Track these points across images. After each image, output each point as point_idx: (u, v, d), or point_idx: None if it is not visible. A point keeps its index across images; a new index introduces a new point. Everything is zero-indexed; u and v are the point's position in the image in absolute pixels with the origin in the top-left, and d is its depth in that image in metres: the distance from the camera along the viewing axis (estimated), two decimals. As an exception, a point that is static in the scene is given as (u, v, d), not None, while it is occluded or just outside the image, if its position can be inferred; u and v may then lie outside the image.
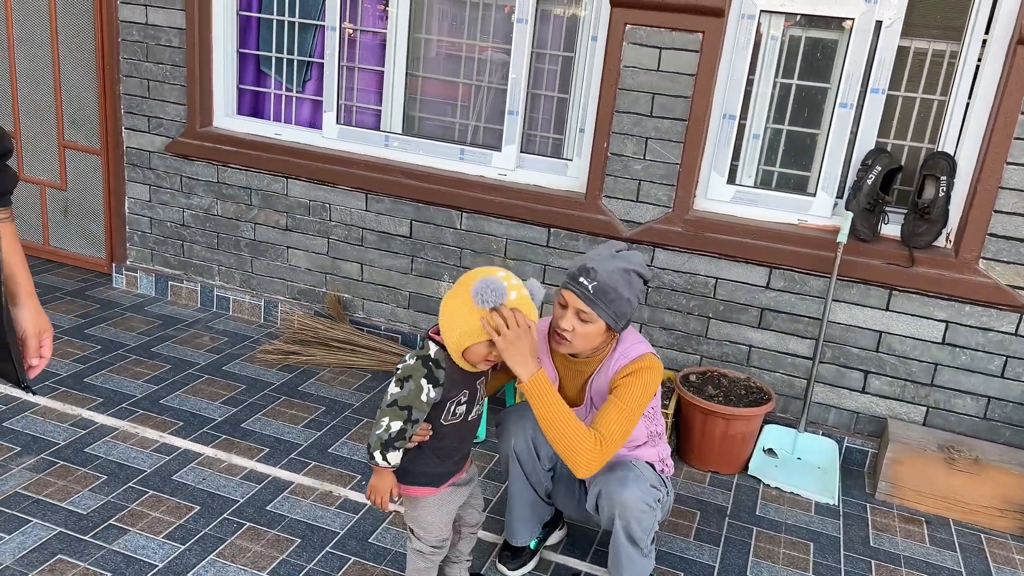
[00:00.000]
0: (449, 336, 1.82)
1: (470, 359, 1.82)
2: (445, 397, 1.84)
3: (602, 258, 1.97)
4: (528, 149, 3.45)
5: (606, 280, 1.92)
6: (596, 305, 1.92)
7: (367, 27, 3.57)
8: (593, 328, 1.95)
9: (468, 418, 1.92)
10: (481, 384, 1.94)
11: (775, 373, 3.18)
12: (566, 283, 1.96)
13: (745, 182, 3.18)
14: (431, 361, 1.83)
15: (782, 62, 3.05)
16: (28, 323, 1.46)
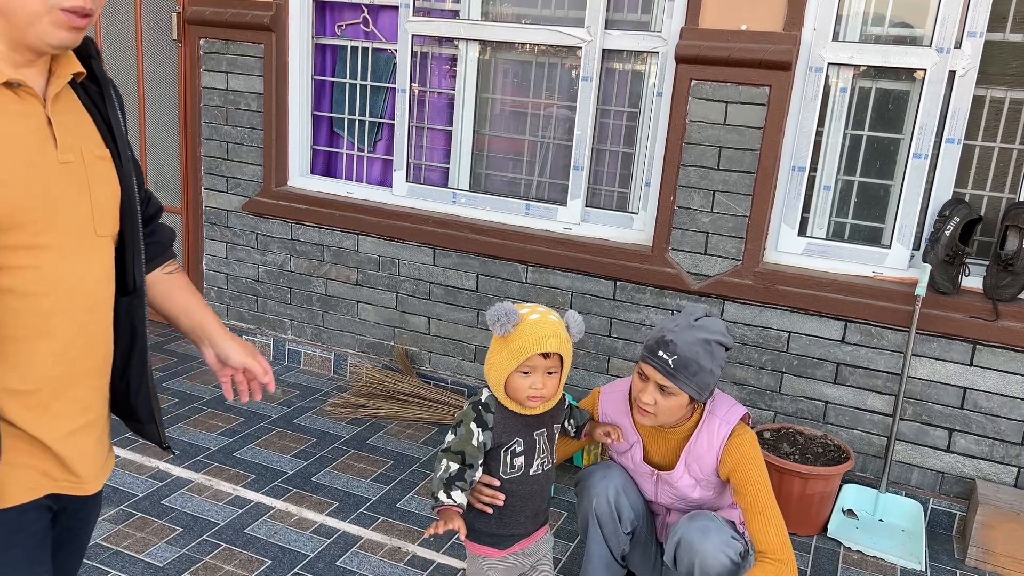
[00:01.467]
0: (489, 376, 1.85)
1: (514, 395, 1.83)
2: (497, 443, 1.84)
3: (680, 328, 1.93)
4: (593, 203, 3.48)
5: (686, 353, 1.89)
6: (677, 379, 1.90)
7: (436, 88, 3.68)
8: (676, 401, 1.93)
9: (530, 473, 1.90)
10: (541, 437, 1.91)
11: (853, 430, 3.07)
12: (645, 357, 1.94)
13: (817, 234, 3.13)
14: (481, 405, 1.86)
15: (852, 113, 3.02)
16: (242, 352, 1.54)
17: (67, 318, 1.23)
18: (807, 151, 3.02)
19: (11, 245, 1.14)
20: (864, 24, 2.94)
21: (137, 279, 1.37)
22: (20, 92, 1.18)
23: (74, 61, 1.27)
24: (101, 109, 1.32)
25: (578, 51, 3.32)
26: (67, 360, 1.25)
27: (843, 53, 2.91)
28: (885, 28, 2.93)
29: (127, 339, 1.39)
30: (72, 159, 1.23)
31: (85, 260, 1.25)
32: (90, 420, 1.32)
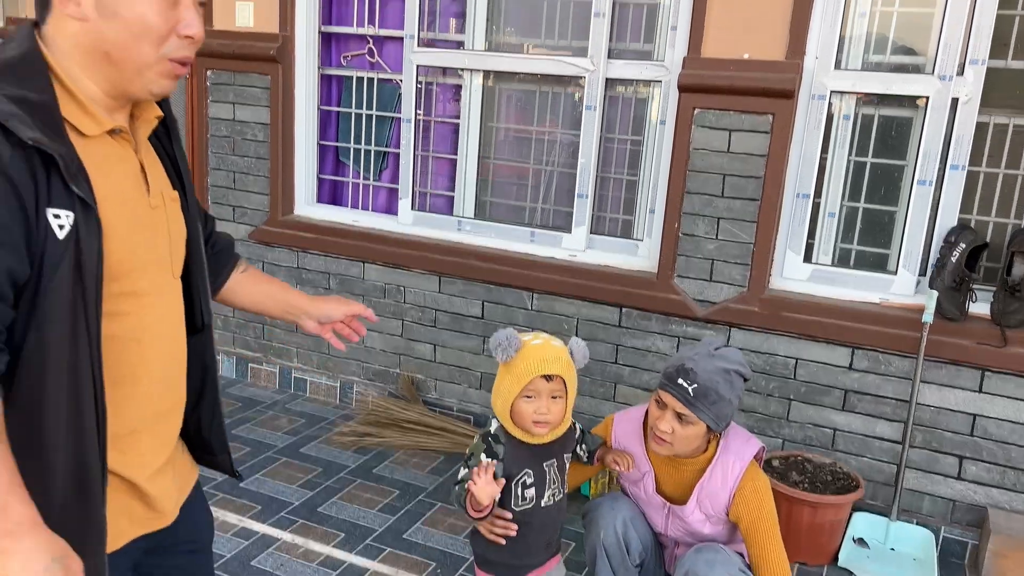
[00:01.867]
0: (496, 405, 1.87)
1: (520, 423, 1.83)
2: (507, 474, 1.84)
3: (701, 357, 1.94)
4: (598, 230, 3.48)
5: (706, 382, 1.90)
6: (697, 408, 1.90)
7: (440, 117, 3.71)
8: (694, 430, 1.93)
9: (541, 504, 1.90)
10: (551, 467, 1.91)
11: (862, 458, 3.05)
12: (664, 384, 1.94)
13: (822, 260, 3.13)
14: (490, 437, 1.88)
15: (855, 140, 3.03)
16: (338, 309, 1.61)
17: (155, 360, 1.25)
18: (811, 178, 3.02)
19: (117, 292, 1.16)
20: (866, 52, 2.96)
21: (205, 316, 1.39)
22: (119, 139, 1.19)
23: (153, 104, 1.27)
24: (168, 148, 1.34)
25: (581, 80, 3.34)
26: (154, 401, 1.28)
27: (845, 81, 2.93)
28: (887, 56, 2.95)
29: (199, 375, 1.42)
30: (158, 204, 1.25)
31: (168, 302, 1.28)
32: (168, 457, 1.35)
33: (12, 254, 1.02)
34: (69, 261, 1.06)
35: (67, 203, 1.05)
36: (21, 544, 1.01)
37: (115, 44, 1.12)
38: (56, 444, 1.10)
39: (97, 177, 1.11)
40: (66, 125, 1.09)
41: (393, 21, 3.69)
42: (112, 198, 1.14)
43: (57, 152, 1.04)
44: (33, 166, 1.03)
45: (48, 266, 1.05)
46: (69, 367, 1.08)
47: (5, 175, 1.01)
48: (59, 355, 1.07)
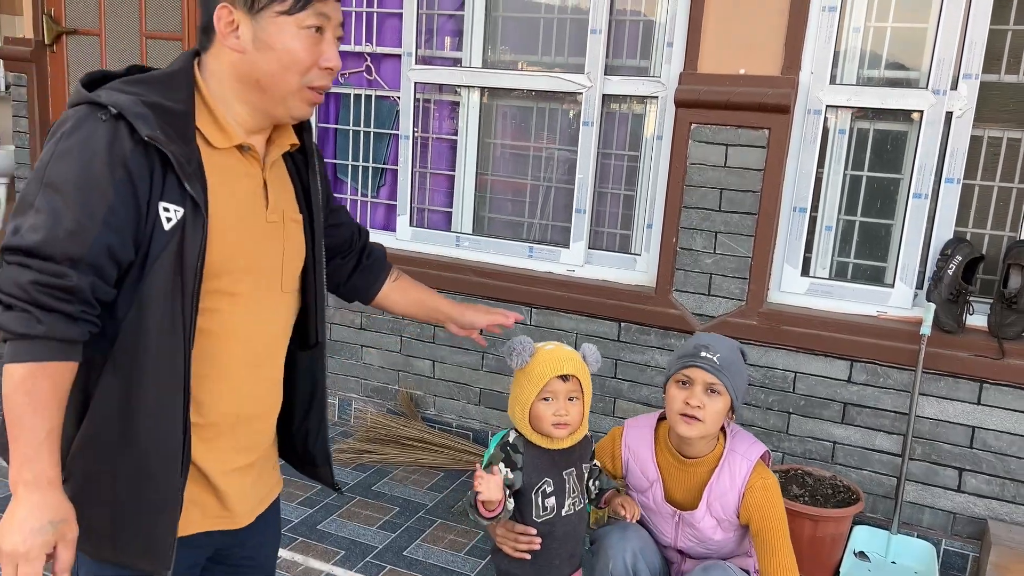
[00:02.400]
0: (514, 413, 1.88)
1: (539, 426, 1.85)
2: (527, 483, 1.85)
3: (711, 337, 2.03)
4: (596, 245, 3.50)
5: (727, 353, 1.97)
6: (724, 376, 1.93)
7: (438, 133, 3.73)
8: (721, 403, 1.97)
9: (562, 513, 1.90)
10: (570, 476, 1.92)
11: (862, 471, 3.05)
12: (687, 362, 1.97)
13: (820, 274, 3.14)
14: (509, 446, 1.90)
15: (851, 154, 3.05)
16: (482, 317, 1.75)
17: (244, 362, 1.34)
18: (808, 192, 3.04)
19: (215, 289, 1.27)
20: (861, 67, 2.99)
21: (320, 334, 1.49)
22: (247, 155, 1.32)
23: (291, 133, 1.41)
24: (303, 177, 1.46)
25: (579, 96, 3.37)
26: (237, 401, 1.35)
27: (841, 96, 2.95)
28: (881, 71, 2.98)
29: (308, 389, 1.50)
30: (276, 220, 1.36)
31: (269, 312, 1.37)
32: (251, 462, 1.42)
33: (116, 235, 1.16)
34: (172, 251, 1.19)
35: (179, 199, 1.19)
36: (31, 497, 1.11)
37: (266, 73, 1.26)
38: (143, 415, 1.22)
39: (217, 183, 1.25)
40: (198, 134, 1.25)
41: (391, 39, 3.71)
42: (227, 204, 1.26)
43: (172, 152, 1.17)
44: (152, 161, 1.18)
45: (153, 252, 1.19)
46: (162, 348, 1.21)
47: (125, 166, 1.15)
48: (155, 335, 1.20)
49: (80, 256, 1.13)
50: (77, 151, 1.15)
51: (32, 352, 1.11)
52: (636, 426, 2.20)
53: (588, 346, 1.90)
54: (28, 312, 1.11)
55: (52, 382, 1.13)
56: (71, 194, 1.13)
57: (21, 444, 1.12)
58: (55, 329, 1.12)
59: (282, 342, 1.44)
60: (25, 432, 1.11)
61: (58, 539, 1.13)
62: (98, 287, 1.16)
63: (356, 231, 1.68)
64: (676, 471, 2.11)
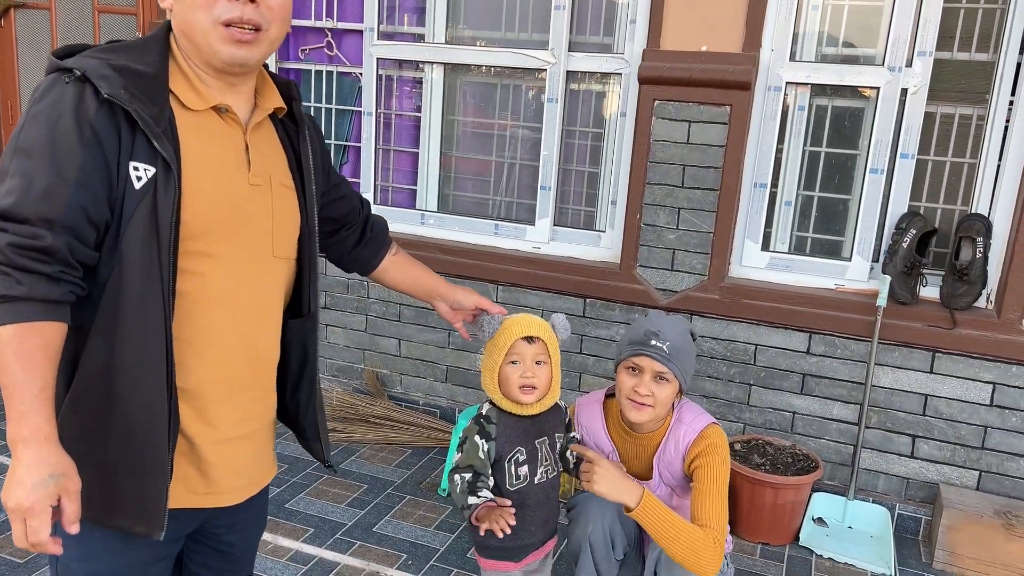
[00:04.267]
0: (485, 381, 1.90)
1: (508, 391, 1.88)
2: (501, 453, 1.88)
3: (662, 321, 2.03)
4: (561, 222, 3.52)
5: (677, 340, 1.99)
6: (674, 364, 1.95)
7: (401, 111, 3.70)
8: (670, 390, 1.99)
9: (535, 481, 1.92)
10: (543, 444, 1.95)
11: (820, 439, 3.14)
12: (637, 350, 1.98)
13: (779, 248, 3.20)
14: (482, 418, 1.91)
15: (810, 130, 3.11)
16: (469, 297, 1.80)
17: (230, 328, 1.33)
18: (768, 168, 3.10)
19: (194, 251, 1.26)
20: (819, 44, 3.04)
21: (311, 304, 1.48)
22: (226, 117, 1.32)
23: (276, 97, 1.41)
24: (295, 145, 1.45)
25: (542, 73, 3.37)
26: (227, 368, 1.34)
27: (800, 72, 3.00)
28: (839, 48, 3.03)
29: (299, 360, 1.51)
30: (261, 183, 1.36)
31: (257, 276, 1.36)
32: (247, 432, 1.41)
33: (88, 194, 1.17)
34: (145, 210, 1.20)
35: (149, 158, 1.20)
36: (29, 452, 1.13)
37: (184, 21, 1.26)
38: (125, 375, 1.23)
39: (192, 144, 1.26)
40: (173, 98, 1.26)
41: (352, 14, 3.67)
42: (202, 164, 1.27)
43: (136, 110, 1.18)
44: (118, 121, 1.19)
45: (126, 212, 1.20)
46: (142, 307, 1.21)
47: (91, 126, 1.17)
48: (133, 294, 1.21)
49: (55, 217, 1.15)
50: (45, 115, 1.17)
51: (16, 312, 1.13)
52: (586, 404, 2.24)
53: (557, 315, 1.93)
54: (7, 274, 1.13)
55: (41, 341, 1.14)
56: (41, 156, 1.15)
57: (15, 402, 1.13)
58: (36, 290, 1.14)
59: (275, 309, 1.42)
60: (18, 390, 1.13)
61: (61, 492, 1.14)
62: (76, 248, 1.17)
63: (359, 203, 1.71)
64: (628, 444, 2.16)
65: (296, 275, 1.47)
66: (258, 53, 1.29)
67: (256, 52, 1.28)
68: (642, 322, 2.07)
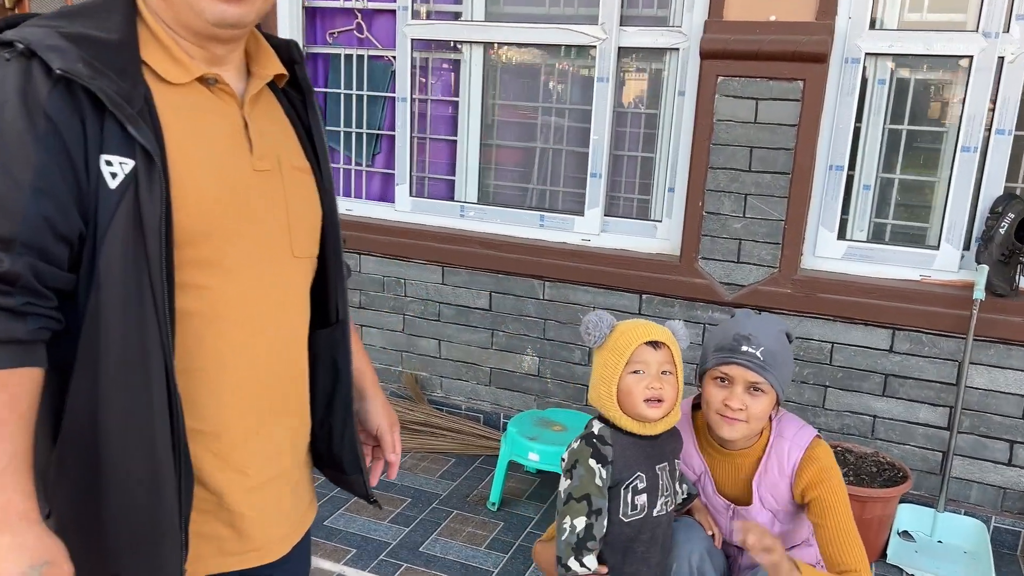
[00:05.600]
0: (599, 395, 1.66)
1: (630, 406, 1.62)
2: (618, 479, 1.63)
3: (752, 321, 1.77)
4: (612, 212, 3.26)
5: (772, 344, 1.73)
6: (769, 372, 1.70)
7: (438, 96, 3.46)
8: (766, 401, 1.75)
9: (653, 513, 1.68)
10: (664, 472, 1.70)
11: (905, 446, 2.86)
12: (726, 358, 1.73)
13: (857, 237, 2.93)
14: (595, 439, 1.64)
15: (891, 106, 2.82)
16: (381, 418, 1.37)
17: (253, 349, 1.10)
18: (845, 148, 2.82)
19: (194, 260, 1.02)
20: (903, 10, 2.75)
21: (340, 309, 1.25)
22: (216, 91, 1.07)
23: (275, 62, 1.16)
24: (304, 118, 1.21)
25: (591, 50, 3.11)
26: (251, 397, 1.11)
27: (881, 42, 2.72)
28: (925, 14, 2.74)
29: (329, 377, 1.25)
30: (268, 167, 1.11)
31: (277, 283, 1.12)
32: (282, 470, 1.17)
33: (51, 202, 0.92)
34: (126, 214, 0.94)
35: (125, 149, 0.95)
36: (2, 539, 0.90)
37: None
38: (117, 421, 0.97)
39: (178, 126, 1.01)
40: (147, 70, 1.01)
41: (383, -7, 3.43)
42: (194, 150, 1.02)
43: (101, 89, 0.93)
44: (79, 104, 0.93)
45: (102, 219, 0.95)
46: (129, 338, 0.96)
47: (45, 115, 0.92)
48: (117, 322, 0.95)
49: (12, 235, 0.90)
50: None
51: None
52: None
53: (675, 322, 1.70)
54: None
55: (6, 396, 0.90)
56: None
57: None
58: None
59: (301, 319, 1.19)
60: None
61: None
62: (43, 271, 0.93)
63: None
64: (721, 462, 1.91)
65: (320, 276, 1.23)
66: (253, 11, 1.04)
67: (251, 9, 1.03)
68: (730, 324, 1.82)
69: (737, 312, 1.88)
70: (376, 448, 1.39)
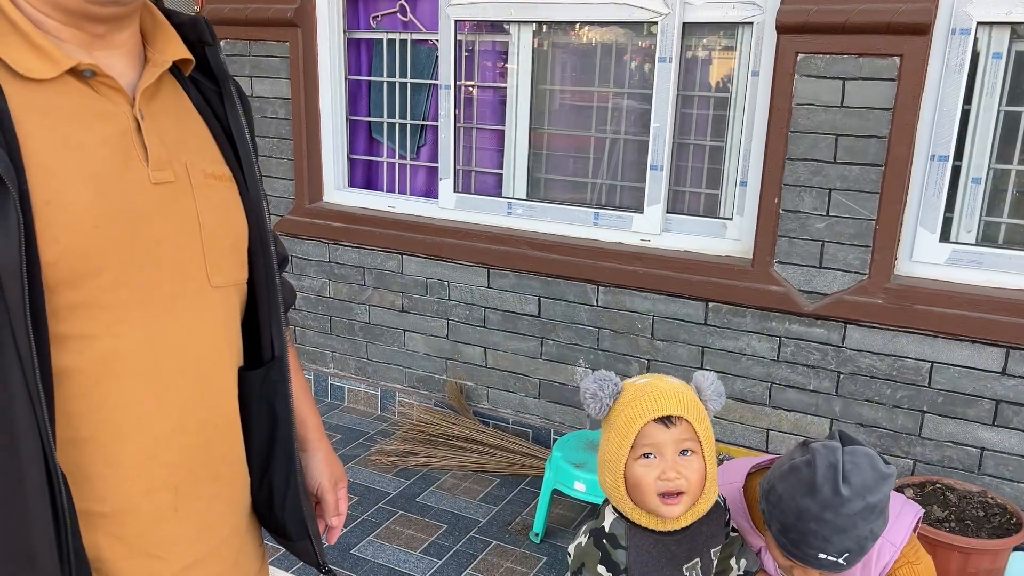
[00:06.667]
0: (605, 482, 1.33)
1: (641, 500, 1.29)
2: None
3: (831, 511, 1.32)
4: (676, 209, 2.91)
5: (855, 543, 1.34)
6: (852, 564, 1.35)
7: (485, 82, 3.17)
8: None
9: None
10: (695, 570, 1.36)
11: (1018, 484, 2.44)
12: (793, 554, 1.37)
13: (964, 239, 2.50)
14: (605, 537, 1.31)
15: (1007, 85, 2.39)
16: (323, 475, 1.17)
17: (160, 407, 0.87)
18: (951, 136, 2.40)
19: (74, 305, 0.80)
20: (1024, -31, 2.31)
21: (276, 345, 1.02)
22: (96, 85, 0.83)
23: (177, 44, 0.92)
24: (220, 114, 0.98)
25: (653, 27, 2.76)
26: (163, 466, 0.89)
27: (996, 9, 2.29)
28: (1052, -27, 2.30)
29: (266, 426, 1.03)
30: (172, 178, 0.88)
31: (191, 322, 0.90)
32: (215, 545, 0.96)
33: None
34: None
35: None
36: None
37: None
38: None
39: (42, 136, 0.77)
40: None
41: (426, -29, 3.16)
42: (63, 165, 0.79)
43: None
44: None
45: None
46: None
47: None
48: None
49: None
50: None
51: None
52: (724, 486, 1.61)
53: (703, 374, 1.34)
54: None
55: None
56: None
57: None
58: None
59: (227, 362, 0.95)
60: None
61: None
62: None
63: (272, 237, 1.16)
64: None
65: (250, 306, 1.00)
66: None
67: None
68: (801, 505, 1.33)
69: (816, 448, 1.37)
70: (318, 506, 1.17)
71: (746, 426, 2.79)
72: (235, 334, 0.97)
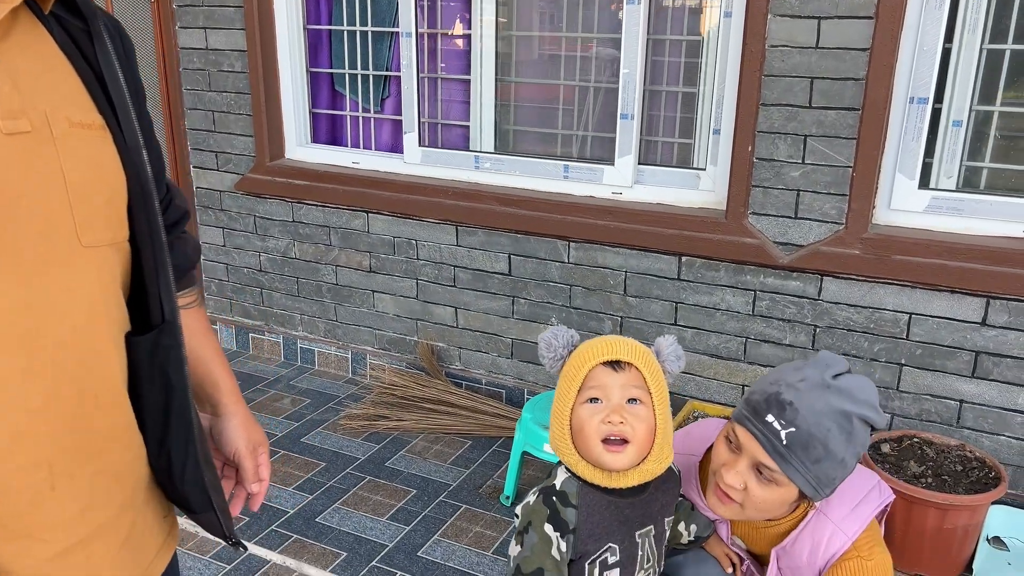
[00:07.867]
0: (553, 434, 1.26)
1: (586, 450, 1.22)
2: (583, 551, 1.23)
3: (808, 386, 1.29)
4: (648, 160, 2.80)
5: (810, 426, 1.26)
6: (789, 463, 1.26)
7: (448, 29, 3.02)
8: (777, 494, 1.30)
9: None
10: (646, 538, 1.29)
11: (999, 437, 2.39)
12: (743, 417, 1.30)
13: (944, 185, 2.41)
14: (555, 495, 1.23)
15: (991, 20, 2.27)
16: (239, 439, 1.09)
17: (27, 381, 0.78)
18: (930, 76, 2.28)
19: None
20: None
21: (166, 308, 0.93)
22: None
23: None
24: (89, 56, 0.87)
25: (620, -33, 2.62)
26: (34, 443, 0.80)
27: (981, -62, 2.16)
28: (1040, -101, 2.16)
29: (159, 394, 0.95)
30: (27, 127, 0.77)
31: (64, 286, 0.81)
32: (103, 523, 0.89)
33: None
34: None
35: None
36: None
37: None
38: None
39: None
40: None
41: (383, -89, 2.98)
42: None
43: None
44: None
45: None
46: None
47: None
48: None
49: None
50: None
51: None
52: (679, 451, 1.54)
53: (664, 338, 1.29)
54: None
55: None
56: None
57: None
58: None
59: (105, 328, 0.87)
60: None
61: None
62: None
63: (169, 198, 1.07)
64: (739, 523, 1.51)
65: (134, 265, 0.90)
66: None
67: None
68: (783, 375, 1.34)
69: (821, 354, 1.37)
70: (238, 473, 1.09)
71: (721, 382, 2.72)
72: (116, 297, 0.87)
